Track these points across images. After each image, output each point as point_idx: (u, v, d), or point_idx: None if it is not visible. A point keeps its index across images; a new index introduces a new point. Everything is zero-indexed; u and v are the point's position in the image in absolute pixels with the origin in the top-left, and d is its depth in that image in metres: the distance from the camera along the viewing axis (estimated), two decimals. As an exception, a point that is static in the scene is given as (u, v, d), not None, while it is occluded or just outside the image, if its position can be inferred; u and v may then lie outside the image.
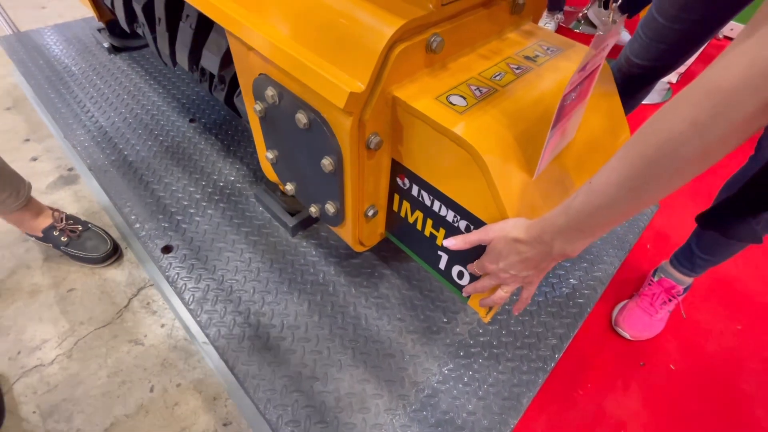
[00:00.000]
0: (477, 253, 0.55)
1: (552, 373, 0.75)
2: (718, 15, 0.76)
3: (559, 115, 0.46)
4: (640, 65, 0.84)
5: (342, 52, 0.48)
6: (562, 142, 0.53)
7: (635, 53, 0.84)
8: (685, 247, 0.91)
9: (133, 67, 1.31)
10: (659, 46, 0.80)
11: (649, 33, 0.80)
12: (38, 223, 0.89)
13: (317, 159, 0.58)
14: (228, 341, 0.71)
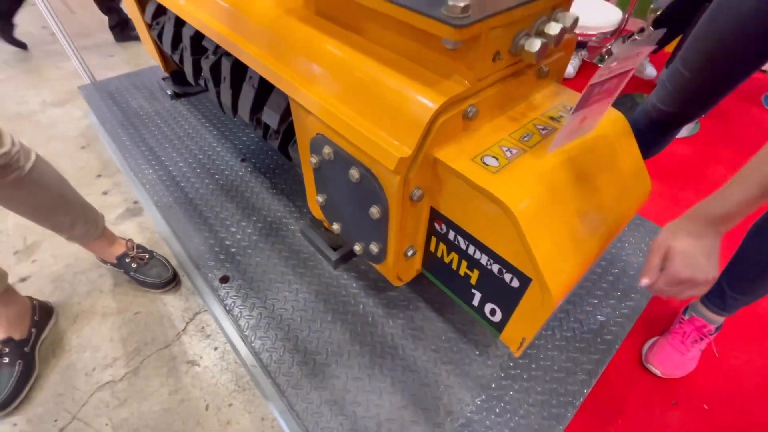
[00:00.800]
0: (507, 291, 0.61)
1: (582, 408, 0.78)
2: (743, 70, 0.81)
3: (582, 103, 0.52)
4: (667, 112, 0.90)
5: (392, 120, 0.57)
6: (580, 130, 0.59)
7: (661, 100, 0.89)
8: (716, 286, 0.93)
9: (192, 111, 1.47)
10: (685, 96, 0.85)
11: (675, 84, 0.85)
12: (113, 251, 1.02)
13: (366, 207, 0.66)
14: (279, 366, 0.79)
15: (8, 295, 0.89)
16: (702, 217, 0.53)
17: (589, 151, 0.62)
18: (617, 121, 0.68)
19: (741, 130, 1.84)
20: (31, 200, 0.79)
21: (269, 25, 0.74)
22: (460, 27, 0.46)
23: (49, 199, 0.82)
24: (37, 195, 0.79)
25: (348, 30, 0.67)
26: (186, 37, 1.10)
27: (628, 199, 0.67)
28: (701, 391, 0.94)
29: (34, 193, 0.78)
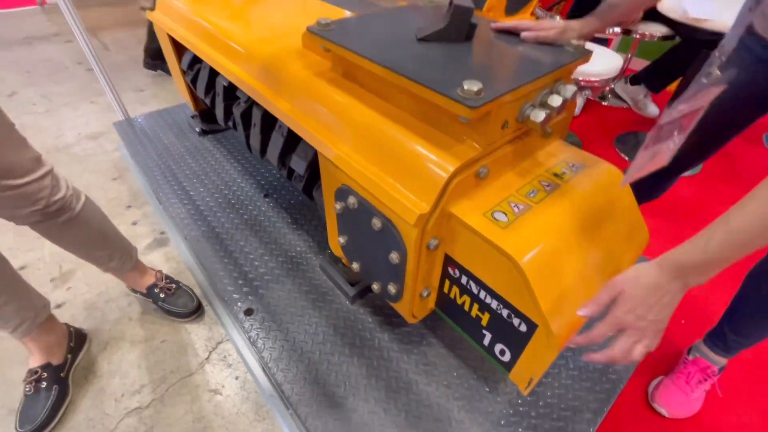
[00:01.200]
0: (516, 334, 0.66)
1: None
2: (731, 132, 0.87)
3: (650, 142, 0.56)
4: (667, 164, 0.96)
5: (412, 179, 0.64)
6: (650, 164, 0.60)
7: None
8: (718, 327, 0.96)
9: (218, 147, 1.57)
10: (679, 151, 0.92)
11: None
12: (144, 281, 1.09)
13: (386, 252, 0.73)
14: (300, 398, 0.84)
15: (49, 322, 0.96)
16: (671, 266, 0.48)
17: (589, 206, 0.69)
18: (614, 175, 0.75)
19: (742, 168, 1.90)
20: (77, 238, 0.87)
21: (301, 85, 0.83)
22: (474, 108, 0.54)
23: (92, 237, 0.90)
24: (83, 233, 0.87)
25: (371, 92, 0.76)
26: (219, 86, 1.21)
27: (627, 249, 0.73)
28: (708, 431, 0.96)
29: (81, 231, 0.86)
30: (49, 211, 0.76)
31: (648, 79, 2.19)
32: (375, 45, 0.70)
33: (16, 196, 0.71)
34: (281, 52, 0.91)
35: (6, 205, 0.71)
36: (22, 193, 0.71)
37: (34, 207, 0.73)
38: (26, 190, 0.71)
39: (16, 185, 0.70)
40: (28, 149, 0.72)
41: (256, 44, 0.95)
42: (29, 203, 0.73)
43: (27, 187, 0.71)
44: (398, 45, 0.70)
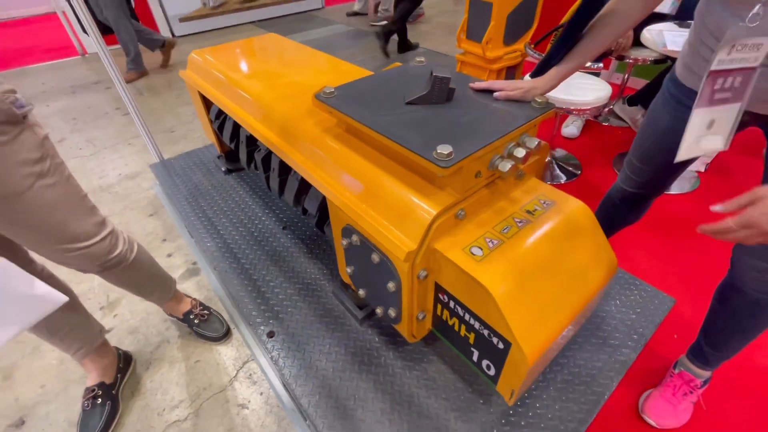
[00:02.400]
0: (496, 351, 0.77)
1: (575, 454, 0.89)
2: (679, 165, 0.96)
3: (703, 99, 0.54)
4: (632, 192, 1.06)
5: (402, 221, 0.78)
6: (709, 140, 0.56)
7: (625, 183, 1.06)
8: (696, 342, 1.04)
9: (241, 184, 1.75)
10: (643, 181, 1.02)
11: (632, 171, 1.02)
12: (181, 308, 1.25)
13: (384, 282, 0.86)
14: (316, 410, 0.96)
15: (104, 346, 1.13)
16: None
17: (555, 237, 0.80)
18: (581, 210, 0.86)
19: (741, 183, 1.94)
20: (130, 280, 1.03)
21: (312, 140, 0.98)
22: (445, 168, 0.67)
23: (142, 278, 1.06)
24: (135, 276, 1.02)
25: (369, 146, 0.90)
26: (243, 135, 1.39)
27: (595, 275, 0.83)
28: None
29: (133, 275, 1.01)
30: (108, 265, 0.90)
31: (644, 100, 2.28)
32: (369, 109, 0.85)
33: (82, 256, 0.84)
34: (295, 110, 1.07)
35: (72, 263, 0.85)
36: (86, 254, 0.84)
37: (96, 263, 0.87)
38: (90, 251, 0.85)
39: (82, 247, 0.83)
40: (94, 215, 0.86)
41: (274, 103, 1.12)
42: (92, 261, 0.86)
43: (91, 249, 0.85)
44: (389, 108, 0.85)
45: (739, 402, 1.10)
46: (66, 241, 0.81)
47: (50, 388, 1.21)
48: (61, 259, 0.84)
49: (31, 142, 0.73)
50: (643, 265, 1.53)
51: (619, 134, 2.36)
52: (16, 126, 0.70)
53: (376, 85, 0.96)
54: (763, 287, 0.81)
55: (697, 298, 1.39)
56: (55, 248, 0.81)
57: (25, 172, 0.72)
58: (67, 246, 0.81)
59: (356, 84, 0.97)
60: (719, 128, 0.60)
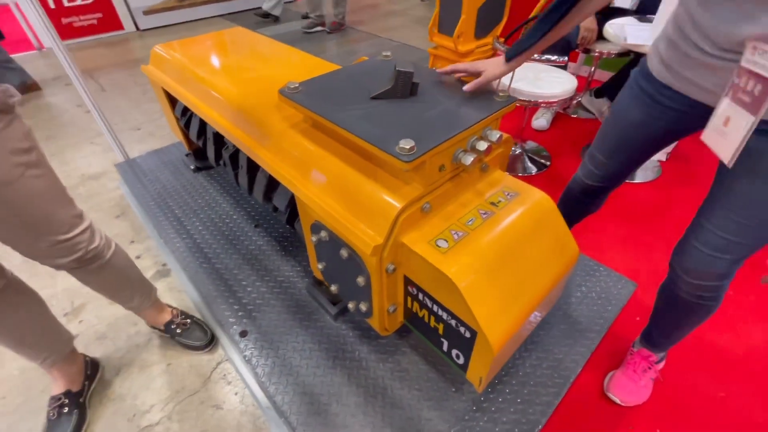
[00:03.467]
0: (464, 340, 0.79)
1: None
2: (644, 156, 1.00)
3: (731, 89, 0.55)
4: (592, 185, 1.10)
5: (368, 215, 0.78)
6: (720, 138, 0.57)
7: (586, 176, 1.09)
8: (647, 329, 1.09)
9: (211, 183, 1.72)
10: (603, 174, 1.05)
11: (594, 164, 1.05)
12: (161, 318, 1.22)
13: (354, 276, 0.86)
14: (290, 407, 0.96)
15: (72, 354, 1.09)
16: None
17: (517, 228, 0.82)
18: (543, 200, 0.88)
19: (700, 171, 2.04)
20: (106, 281, 1.00)
21: (278, 136, 0.97)
22: (407, 162, 0.68)
23: (119, 280, 1.03)
24: (111, 277, 1.00)
25: (335, 141, 0.90)
26: (210, 132, 1.36)
27: (556, 263, 0.86)
28: (656, 416, 1.08)
29: (110, 276, 0.99)
30: (85, 259, 0.89)
31: (610, 92, 2.35)
32: (334, 104, 0.84)
33: (61, 248, 0.84)
34: (262, 106, 1.06)
35: (50, 255, 0.84)
36: (66, 246, 0.84)
37: (73, 256, 0.86)
38: (69, 243, 0.84)
39: (63, 240, 0.83)
40: (73, 207, 0.86)
41: (239, 98, 1.10)
42: (70, 253, 0.85)
43: (70, 241, 0.84)
44: (353, 102, 0.85)
45: (698, 376, 1.17)
46: (48, 232, 0.80)
47: (11, 399, 1.16)
48: (38, 253, 0.82)
49: (21, 132, 0.74)
50: (607, 252, 1.59)
51: (587, 126, 2.43)
52: (7, 115, 0.71)
53: (341, 79, 0.96)
54: (694, 291, 0.86)
55: (658, 282, 1.45)
56: (35, 241, 0.80)
57: (16, 161, 0.72)
58: (49, 238, 0.81)
59: (321, 79, 0.96)
60: (731, 133, 0.58)
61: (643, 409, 1.09)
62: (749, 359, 1.22)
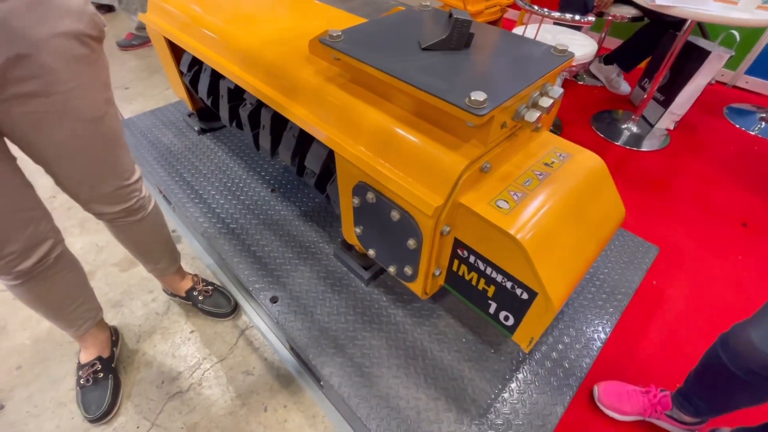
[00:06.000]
0: (518, 302, 0.79)
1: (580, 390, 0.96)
2: None
3: None
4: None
5: (427, 176, 0.74)
6: None
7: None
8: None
9: (218, 145, 1.62)
10: None
11: None
12: (183, 285, 1.17)
13: (404, 239, 0.83)
14: (330, 371, 0.95)
15: (102, 320, 1.05)
16: None
17: (575, 189, 0.80)
18: (596, 162, 0.86)
19: (707, 141, 2.07)
20: (141, 236, 0.96)
21: (315, 92, 0.90)
22: (480, 115, 0.64)
23: (153, 237, 1.00)
24: (147, 232, 0.96)
25: (377, 95, 0.84)
26: (224, 88, 1.26)
27: (608, 225, 0.85)
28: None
29: (145, 230, 0.95)
30: (132, 209, 0.86)
31: (620, 59, 2.32)
32: (384, 55, 0.78)
33: (119, 194, 0.82)
34: (289, 58, 0.98)
35: (108, 201, 0.81)
36: (124, 192, 0.82)
37: (125, 204, 0.84)
38: (128, 190, 0.82)
39: (123, 185, 0.81)
40: (130, 153, 0.83)
41: (261, 48, 1.01)
42: (125, 201, 0.83)
43: (129, 187, 0.82)
44: (405, 54, 0.79)
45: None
46: (114, 176, 0.79)
47: (28, 369, 1.11)
48: (97, 198, 0.80)
49: (107, 65, 0.72)
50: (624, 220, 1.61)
51: (595, 93, 2.40)
52: (100, 44, 0.68)
53: (383, 29, 0.89)
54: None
55: (669, 248, 1.49)
56: (100, 183, 0.78)
57: (104, 96, 0.71)
58: (114, 182, 0.79)
59: (363, 28, 0.89)
60: None
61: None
62: None
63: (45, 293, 0.84)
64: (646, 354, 1.16)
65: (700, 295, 1.33)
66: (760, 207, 1.68)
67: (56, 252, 0.80)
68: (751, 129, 2.17)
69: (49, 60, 0.60)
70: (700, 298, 1.32)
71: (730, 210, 1.66)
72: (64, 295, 0.89)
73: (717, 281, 1.38)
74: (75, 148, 0.70)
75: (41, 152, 0.69)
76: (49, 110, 0.63)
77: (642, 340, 1.18)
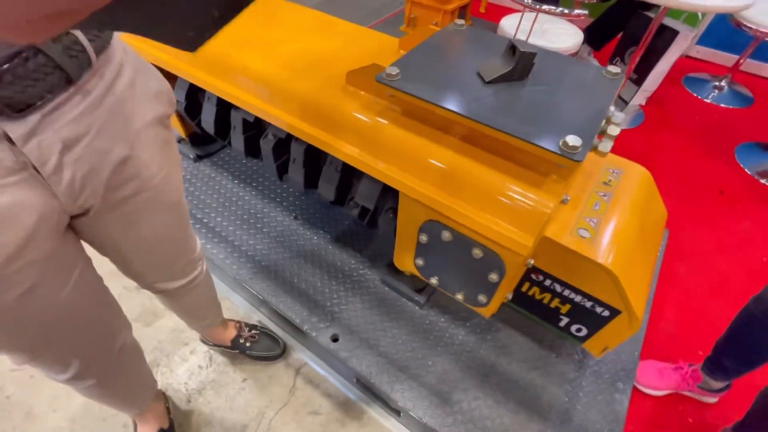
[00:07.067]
0: (596, 318, 0.84)
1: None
2: None
3: None
4: None
5: (514, 215, 0.75)
6: None
7: None
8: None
9: (220, 172, 1.51)
10: None
11: None
12: (227, 335, 1.11)
13: (484, 273, 0.85)
14: (408, 401, 0.97)
15: (157, 393, 0.98)
16: None
17: (637, 207, 0.86)
18: (645, 175, 0.92)
19: (674, 113, 2.24)
20: (196, 301, 0.90)
21: (367, 128, 0.86)
22: (579, 161, 0.65)
23: (206, 299, 0.94)
24: (202, 296, 0.90)
25: (434, 128, 0.83)
26: (237, 119, 1.16)
27: (660, 229, 0.92)
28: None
29: (201, 294, 0.89)
30: (195, 278, 0.80)
31: (590, 39, 2.41)
32: (448, 91, 0.76)
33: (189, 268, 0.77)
34: (323, 90, 0.92)
35: (176, 277, 0.76)
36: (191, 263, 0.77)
37: (191, 275, 0.79)
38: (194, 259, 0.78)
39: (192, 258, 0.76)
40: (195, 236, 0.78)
41: (285, 77, 0.95)
42: (191, 272, 0.79)
43: (196, 257, 0.78)
44: (469, 88, 0.77)
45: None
46: (186, 252, 0.74)
47: (75, 455, 1.02)
48: (166, 276, 0.74)
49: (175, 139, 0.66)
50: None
51: (569, 73, 2.49)
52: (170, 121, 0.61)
53: (435, 60, 0.86)
54: None
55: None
56: (174, 264, 0.73)
57: (181, 175, 0.66)
58: (184, 258, 0.74)
59: (415, 60, 0.85)
60: None
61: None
62: None
63: (110, 384, 0.77)
64: (656, 327, 1.29)
65: (697, 267, 1.48)
66: (730, 174, 1.88)
67: (124, 343, 0.73)
68: (706, 97, 2.37)
69: (146, 155, 0.52)
70: (698, 270, 1.47)
71: (707, 179, 1.84)
72: (127, 383, 0.82)
73: (709, 252, 1.54)
74: (158, 238, 0.63)
75: (121, 250, 0.61)
76: (140, 209, 0.56)
77: (652, 315, 1.31)
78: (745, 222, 1.65)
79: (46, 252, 0.46)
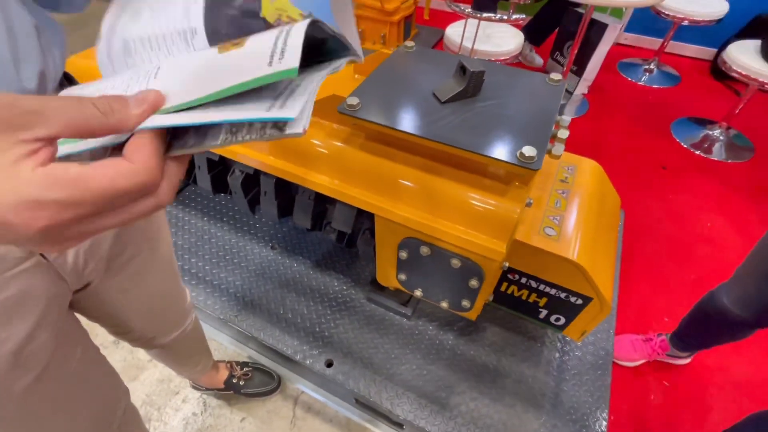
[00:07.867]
0: (571, 307, 0.90)
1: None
2: None
3: None
4: (741, 317, 0.95)
5: (484, 225, 0.80)
6: None
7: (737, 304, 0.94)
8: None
9: (186, 211, 1.48)
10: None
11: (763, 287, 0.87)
12: (220, 378, 1.09)
13: (465, 281, 0.89)
14: (412, 415, 1.00)
15: None
16: None
17: (593, 199, 0.93)
18: (596, 168, 1.00)
19: (613, 98, 2.41)
20: (186, 347, 0.89)
21: (335, 157, 0.89)
22: (536, 170, 0.71)
23: (196, 344, 0.93)
24: (192, 342, 0.90)
25: (403, 150, 0.86)
26: (201, 159, 1.15)
27: (615, 213, 1.01)
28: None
29: (191, 341, 0.88)
30: (187, 327, 0.80)
31: (530, 35, 2.55)
32: (408, 116, 0.80)
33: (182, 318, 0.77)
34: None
35: (171, 329, 0.75)
36: (183, 312, 0.76)
37: (184, 325, 0.78)
38: (186, 308, 0.77)
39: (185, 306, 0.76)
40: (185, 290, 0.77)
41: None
42: (184, 322, 0.78)
43: (187, 306, 0.77)
44: (427, 110, 0.82)
45: (673, 271, 1.50)
46: (178, 302, 0.74)
47: None
48: (163, 330, 0.73)
49: None
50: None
51: (515, 70, 2.62)
52: None
53: (390, 85, 0.90)
54: None
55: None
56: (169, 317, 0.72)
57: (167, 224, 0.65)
58: (176, 309, 0.74)
59: (371, 88, 0.88)
60: None
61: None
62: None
63: None
64: (626, 304, 1.39)
65: (653, 238, 1.61)
66: (670, 149, 2.04)
67: (125, 411, 0.71)
68: (639, 80, 2.57)
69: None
70: (654, 241, 1.60)
71: (650, 156, 2.00)
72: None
73: (662, 223, 1.68)
74: (156, 294, 0.62)
75: (120, 314, 0.60)
76: (139, 270, 0.55)
77: (621, 293, 1.42)
78: (688, 192, 1.81)
79: (55, 331, 0.46)
